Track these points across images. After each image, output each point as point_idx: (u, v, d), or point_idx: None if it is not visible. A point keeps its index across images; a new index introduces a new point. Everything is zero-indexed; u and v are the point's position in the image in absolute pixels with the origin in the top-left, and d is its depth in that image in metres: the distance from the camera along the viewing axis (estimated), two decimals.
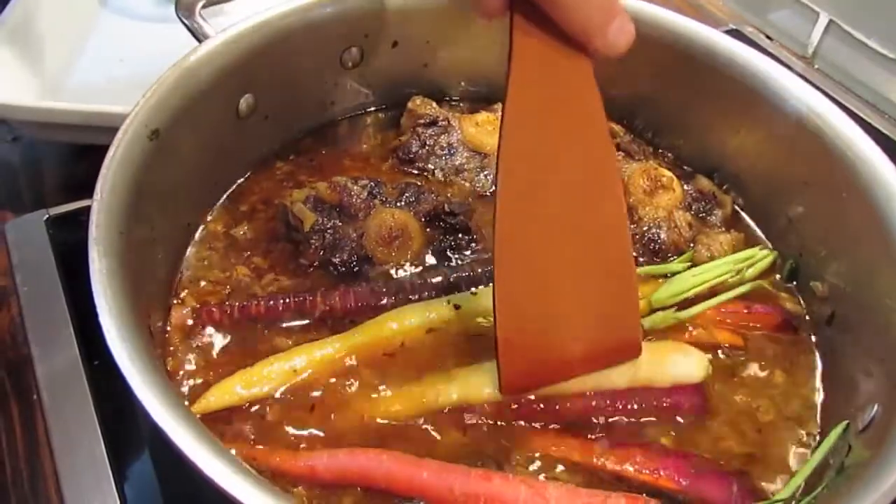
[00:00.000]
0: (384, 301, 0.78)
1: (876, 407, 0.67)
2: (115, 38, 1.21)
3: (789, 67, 0.86)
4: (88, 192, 0.65)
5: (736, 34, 1.08)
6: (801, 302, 0.85)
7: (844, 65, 1.30)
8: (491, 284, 0.75)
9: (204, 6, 0.81)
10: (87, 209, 0.64)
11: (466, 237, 0.85)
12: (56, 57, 1.13)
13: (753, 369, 0.78)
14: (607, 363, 0.72)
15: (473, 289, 0.79)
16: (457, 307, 0.77)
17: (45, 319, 0.82)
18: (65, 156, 1.10)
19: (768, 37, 1.39)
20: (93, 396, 0.76)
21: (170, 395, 0.55)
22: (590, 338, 0.70)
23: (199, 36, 0.79)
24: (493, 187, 0.65)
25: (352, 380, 0.73)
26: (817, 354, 0.80)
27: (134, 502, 0.71)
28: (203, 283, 0.79)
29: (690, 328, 0.80)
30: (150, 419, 0.53)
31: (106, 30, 1.22)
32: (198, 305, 0.77)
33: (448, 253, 0.84)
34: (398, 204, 0.85)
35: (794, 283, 0.86)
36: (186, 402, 0.69)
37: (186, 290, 0.79)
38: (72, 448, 0.72)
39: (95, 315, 0.58)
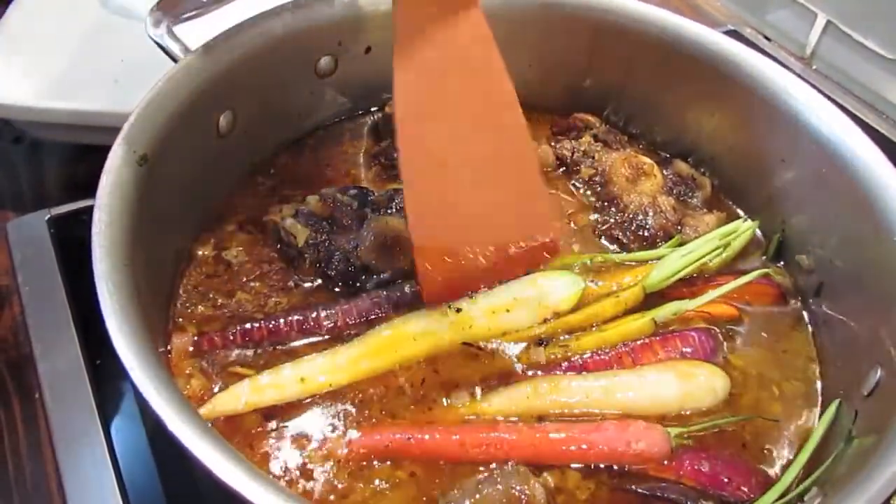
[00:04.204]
0: (387, 310, 0.77)
1: (879, 370, 0.68)
2: (116, 38, 1.18)
3: (788, 68, 0.87)
4: (90, 191, 0.65)
5: (734, 35, 1.07)
6: (790, 276, 0.86)
7: (842, 65, 1.30)
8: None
9: (175, 24, 0.79)
10: (89, 209, 0.64)
11: None
12: (57, 57, 1.12)
13: (750, 343, 0.79)
14: (527, 265, 0.77)
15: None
16: (458, 310, 0.77)
17: (46, 318, 0.82)
18: (66, 156, 1.10)
19: (766, 37, 1.39)
20: (94, 394, 0.76)
21: (187, 409, 0.55)
22: (503, 240, 0.75)
23: (173, 55, 0.77)
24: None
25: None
26: (811, 325, 0.82)
27: (135, 498, 0.72)
28: (202, 309, 0.77)
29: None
30: (168, 430, 0.53)
31: (106, 30, 1.20)
32: (196, 335, 0.74)
33: None
34: (389, 211, 0.84)
35: (782, 262, 0.87)
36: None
37: (183, 318, 0.76)
38: (73, 445, 0.73)
39: (97, 314, 0.58)
